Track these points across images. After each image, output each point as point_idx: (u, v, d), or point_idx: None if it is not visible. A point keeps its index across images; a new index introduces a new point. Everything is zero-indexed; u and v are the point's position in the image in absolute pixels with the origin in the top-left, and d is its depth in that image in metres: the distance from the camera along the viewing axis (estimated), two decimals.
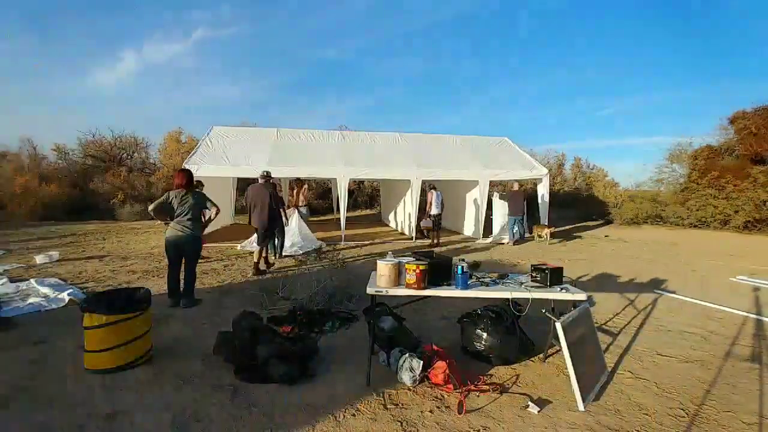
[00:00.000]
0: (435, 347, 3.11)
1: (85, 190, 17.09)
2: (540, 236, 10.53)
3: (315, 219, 14.59)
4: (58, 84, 40.28)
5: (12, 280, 5.52)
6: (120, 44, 44.08)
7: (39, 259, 6.98)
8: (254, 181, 9.54)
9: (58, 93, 40.31)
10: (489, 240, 10.45)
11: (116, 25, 43.44)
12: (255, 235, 7.20)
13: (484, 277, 3.25)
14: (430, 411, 2.58)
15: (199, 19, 47.21)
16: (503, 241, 10.29)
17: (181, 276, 4.68)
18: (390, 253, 3.31)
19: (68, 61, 41.15)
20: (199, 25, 47.49)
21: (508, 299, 3.07)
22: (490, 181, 10.77)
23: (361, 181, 19.38)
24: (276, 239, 7.32)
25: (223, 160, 9.79)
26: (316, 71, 54.22)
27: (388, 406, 2.63)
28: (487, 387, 2.85)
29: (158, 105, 45.67)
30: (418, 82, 55.55)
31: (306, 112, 49.28)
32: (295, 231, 8.44)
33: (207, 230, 5.84)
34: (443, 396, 2.76)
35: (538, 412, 2.57)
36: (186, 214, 4.58)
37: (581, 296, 2.90)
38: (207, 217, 4.96)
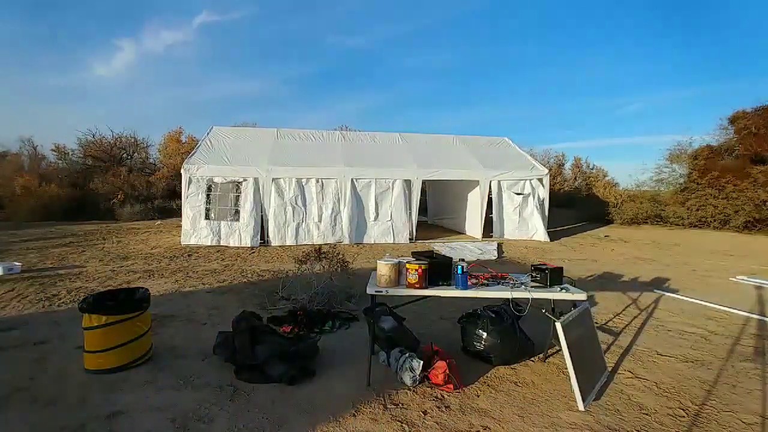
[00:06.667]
0: (435, 347, 3.11)
1: (85, 190, 17.09)
2: None
3: None
4: (56, 81, 40.17)
5: None
6: (118, 41, 43.87)
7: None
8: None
9: (57, 90, 40.18)
10: (492, 239, 10.45)
11: (114, 23, 43.31)
12: None
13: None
14: (430, 411, 2.58)
15: (200, 15, 46.85)
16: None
17: None
18: (388, 254, 3.31)
19: (66, 59, 41.00)
20: (200, 22, 47.23)
21: (508, 299, 3.07)
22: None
23: None
24: None
25: (223, 160, 9.80)
26: (318, 70, 54.04)
27: (388, 406, 2.63)
28: None
29: (158, 103, 45.47)
30: (421, 82, 55.35)
31: (307, 111, 49.10)
32: None
33: None
34: (443, 396, 2.76)
35: None
36: None
37: (581, 296, 2.89)
38: None
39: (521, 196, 10.80)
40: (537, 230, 10.82)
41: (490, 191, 10.73)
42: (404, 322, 3.53)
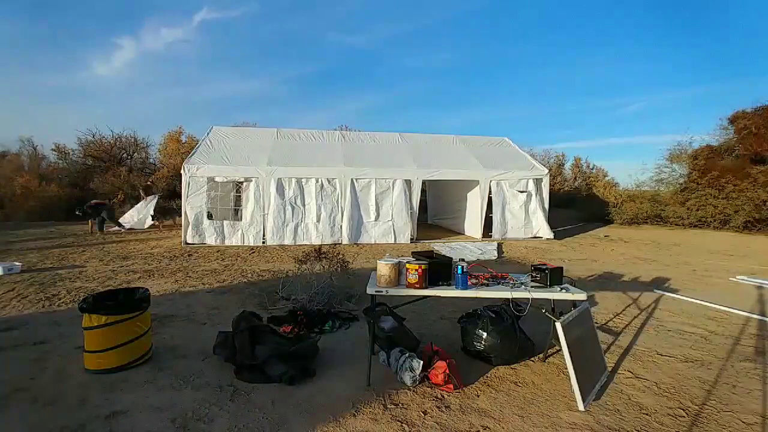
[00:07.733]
0: (435, 347, 3.11)
1: (85, 190, 17.09)
2: None
3: None
4: (56, 81, 40.05)
5: None
6: (117, 40, 43.72)
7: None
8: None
9: (57, 90, 40.05)
10: (491, 239, 10.45)
11: (113, 23, 43.19)
12: None
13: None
14: (430, 411, 2.58)
15: (200, 12, 46.60)
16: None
17: None
18: (388, 254, 3.31)
19: (66, 59, 40.87)
20: (200, 20, 47.00)
21: (508, 299, 3.07)
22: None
23: None
24: None
25: (223, 160, 9.80)
26: (318, 70, 53.91)
27: (388, 406, 2.63)
28: None
29: (158, 103, 45.25)
30: (421, 82, 55.26)
31: (307, 111, 48.96)
32: None
33: None
34: (443, 396, 2.76)
35: None
36: None
37: (581, 296, 2.89)
38: None
39: (524, 193, 10.79)
40: (541, 228, 10.81)
41: (490, 191, 10.73)
42: (404, 322, 3.53)
